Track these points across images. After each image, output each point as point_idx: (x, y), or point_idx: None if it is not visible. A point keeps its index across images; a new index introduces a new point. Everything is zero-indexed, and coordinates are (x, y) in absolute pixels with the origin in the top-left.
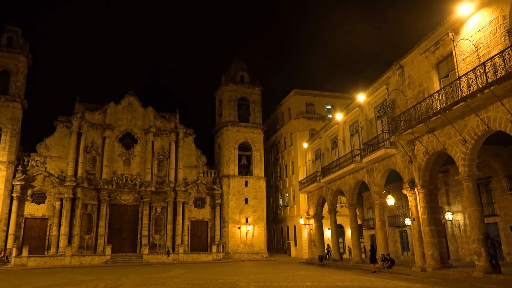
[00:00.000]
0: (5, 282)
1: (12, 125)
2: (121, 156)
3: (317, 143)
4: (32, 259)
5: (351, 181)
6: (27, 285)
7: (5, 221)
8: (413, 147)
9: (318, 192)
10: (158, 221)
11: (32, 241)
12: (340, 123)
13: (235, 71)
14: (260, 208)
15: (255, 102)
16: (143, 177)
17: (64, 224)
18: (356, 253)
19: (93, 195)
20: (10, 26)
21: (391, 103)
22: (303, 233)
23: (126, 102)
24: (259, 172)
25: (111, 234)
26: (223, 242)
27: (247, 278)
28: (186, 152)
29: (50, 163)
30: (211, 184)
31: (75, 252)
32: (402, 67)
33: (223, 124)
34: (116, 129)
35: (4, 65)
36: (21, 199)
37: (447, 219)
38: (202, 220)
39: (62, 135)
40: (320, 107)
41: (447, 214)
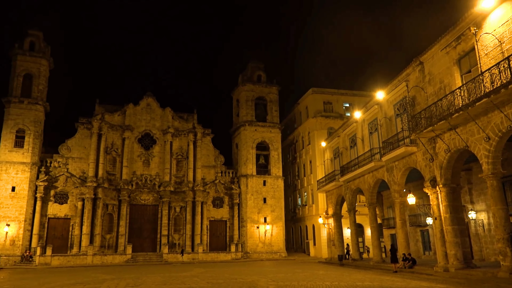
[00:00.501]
0: (30, 281)
1: (35, 127)
2: (141, 157)
3: (335, 141)
4: (55, 258)
5: (370, 180)
6: (51, 284)
7: (29, 220)
8: (434, 144)
9: (337, 191)
10: (177, 220)
11: (56, 240)
12: (359, 121)
13: (252, 71)
14: (279, 208)
15: (272, 101)
16: (162, 177)
17: (86, 224)
18: (376, 252)
19: (114, 195)
20: (32, 31)
21: (411, 100)
22: (322, 232)
23: (144, 103)
24: (277, 172)
25: (132, 233)
26: (242, 242)
27: (266, 277)
28: (204, 152)
29: (71, 164)
30: (229, 184)
31: (96, 251)
32: (422, 64)
33: (241, 124)
34: (135, 130)
35: (27, 69)
36: (45, 200)
37: (470, 218)
38: (220, 220)
39: (83, 136)
40: (338, 106)
41: (470, 213)
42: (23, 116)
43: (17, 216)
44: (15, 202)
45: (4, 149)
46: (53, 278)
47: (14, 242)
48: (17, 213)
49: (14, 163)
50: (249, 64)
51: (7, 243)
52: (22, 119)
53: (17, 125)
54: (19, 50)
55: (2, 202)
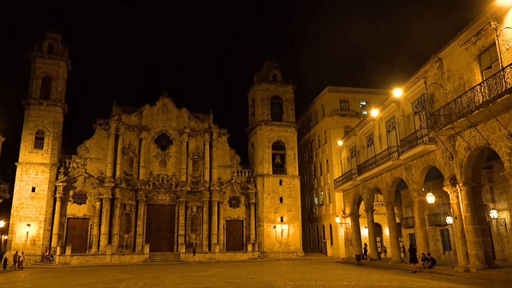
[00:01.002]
0: (51, 280)
1: (54, 128)
2: (157, 157)
3: (352, 140)
4: (75, 258)
5: (388, 179)
6: (71, 283)
7: (49, 220)
8: (454, 142)
9: (354, 190)
10: (194, 220)
11: (75, 240)
12: (376, 119)
13: (267, 70)
14: (295, 207)
15: (288, 100)
16: (178, 177)
17: (104, 224)
18: (395, 252)
19: (131, 195)
20: (51, 33)
21: (430, 98)
22: (339, 232)
23: (161, 104)
24: (293, 171)
25: (149, 233)
26: (259, 241)
27: (283, 277)
28: (220, 152)
29: (90, 164)
30: (245, 184)
31: (115, 251)
32: (440, 60)
33: (256, 123)
34: (151, 131)
35: (46, 71)
36: (64, 200)
37: (492, 217)
38: (237, 219)
39: (101, 137)
40: (355, 104)
41: (491, 212)
42: (42, 118)
43: (37, 216)
44: (35, 202)
45: (24, 150)
46: (72, 278)
47: (35, 241)
48: (37, 213)
49: (34, 164)
50: (265, 63)
51: (28, 242)
52: (42, 121)
53: (37, 127)
54: (38, 53)
55: (22, 202)
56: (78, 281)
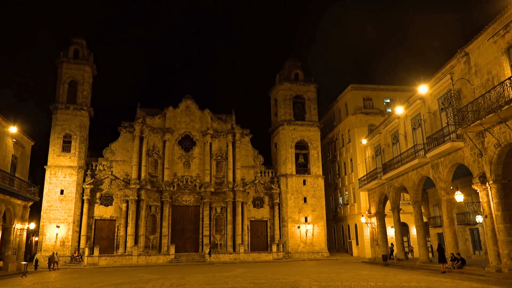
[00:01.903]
0: (80, 280)
1: (81, 132)
2: (181, 158)
3: (376, 138)
4: (102, 258)
5: (414, 177)
6: (99, 283)
7: (77, 222)
8: (483, 139)
9: (379, 189)
10: (218, 221)
11: (102, 241)
12: (401, 117)
13: (289, 69)
14: (319, 207)
15: (311, 99)
16: (202, 178)
17: (130, 225)
18: (422, 252)
19: (156, 196)
20: (76, 39)
21: (457, 94)
22: (365, 231)
23: (184, 106)
24: (317, 171)
25: (174, 234)
26: (283, 242)
27: (309, 277)
28: (243, 152)
29: (115, 167)
30: (269, 184)
31: (141, 252)
32: (467, 55)
33: (279, 123)
34: (175, 132)
35: (72, 76)
36: (91, 202)
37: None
38: (261, 220)
39: (126, 140)
40: (379, 102)
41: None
42: (69, 122)
43: (66, 218)
44: (64, 204)
45: (52, 154)
46: (101, 278)
47: (64, 243)
48: (66, 215)
49: (62, 167)
50: (286, 63)
51: (58, 244)
52: (69, 125)
53: (64, 131)
54: (64, 58)
55: (52, 204)
56: (106, 281)
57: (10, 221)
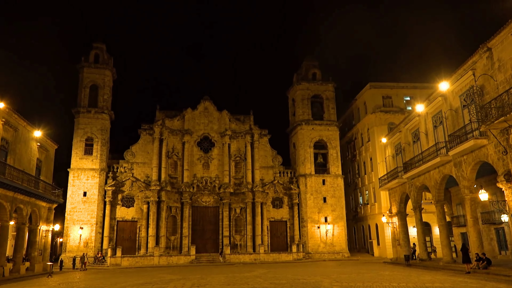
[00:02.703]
0: (103, 280)
1: (102, 135)
2: (200, 160)
3: (396, 137)
4: (125, 259)
5: (436, 176)
6: (122, 283)
7: (100, 223)
8: (508, 136)
9: (400, 188)
10: (237, 221)
11: (124, 242)
12: (421, 114)
13: (306, 69)
14: (339, 207)
15: (329, 98)
16: (221, 179)
17: (151, 226)
18: (446, 252)
19: (176, 198)
20: (96, 44)
21: (479, 90)
22: (386, 231)
23: (202, 107)
24: (336, 170)
25: (194, 235)
26: (303, 242)
27: (330, 278)
28: (262, 153)
29: (136, 169)
30: (288, 184)
31: (162, 253)
32: (490, 50)
33: (297, 123)
34: (194, 134)
35: (93, 80)
36: (113, 203)
37: None
38: (280, 220)
39: (146, 142)
40: (398, 99)
41: None
42: (91, 125)
43: (89, 220)
44: (87, 206)
45: (75, 157)
46: (123, 278)
47: (87, 244)
48: (89, 217)
49: (85, 169)
50: (304, 63)
51: (81, 245)
52: (90, 128)
53: (86, 134)
54: (85, 63)
55: (75, 206)
56: (128, 281)
57: (36, 223)
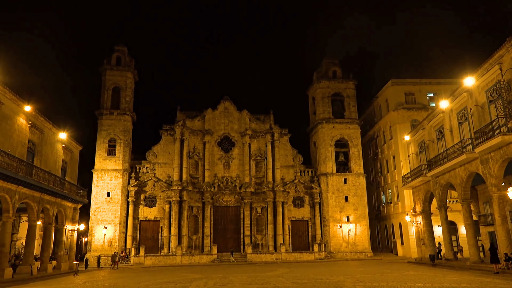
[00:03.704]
0: (128, 279)
1: (125, 136)
2: (221, 159)
3: (420, 134)
4: (148, 258)
5: (462, 174)
6: (146, 282)
7: (123, 223)
8: None
9: (424, 187)
10: (259, 221)
11: (147, 241)
12: (446, 111)
13: (326, 67)
14: (361, 206)
15: (350, 96)
16: (242, 178)
17: (173, 226)
18: (473, 252)
19: (198, 197)
20: (118, 46)
21: (506, 85)
22: (410, 230)
23: (222, 107)
24: (358, 169)
25: (216, 234)
26: (325, 241)
27: (353, 278)
28: (282, 152)
29: (158, 169)
30: (309, 183)
31: (184, 252)
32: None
33: (318, 122)
34: (214, 134)
35: (115, 82)
36: (136, 203)
37: None
38: (302, 219)
39: (167, 142)
40: (421, 96)
41: None
42: (113, 127)
43: (113, 219)
44: (111, 206)
45: (99, 158)
46: (147, 277)
47: (111, 243)
48: (113, 216)
49: (108, 170)
50: (324, 61)
51: (106, 244)
52: (113, 129)
53: (109, 135)
54: (107, 66)
55: (99, 206)
56: (152, 280)
57: (61, 223)
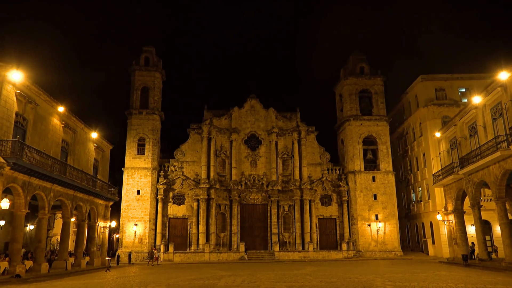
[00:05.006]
0: (158, 275)
1: (153, 135)
2: (248, 158)
3: (451, 131)
4: (177, 255)
5: (496, 171)
6: (176, 278)
7: (153, 220)
8: None
9: (456, 185)
10: (286, 219)
11: (176, 238)
12: (479, 107)
13: (353, 63)
14: (391, 204)
15: (378, 93)
16: (269, 176)
17: (201, 223)
18: (509, 252)
19: (225, 195)
20: (146, 47)
21: None
22: (442, 230)
23: (248, 106)
24: (387, 166)
25: (243, 232)
26: (353, 240)
27: (382, 277)
28: (309, 150)
29: (186, 167)
30: (336, 181)
31: (212, 249)
32: None
33: (345, 119)
34: (241, 132)
35: (144, 83)
36: (165, 201)
37: None
38: (329, 218)
39: (195, 141)
40: (452, 92)
41: None
42: (142, 126)
43: (143, 217)
44: (140, 204)
45: (129, 157)
46: (177, 274)
47: (142, 240)
48: (143, 214)
49: (138, 168)
50: (351, 57)
51: (136, 241)
52: (142, 129)
53: (138, 134)
54: (136, 66)
55: (130, 204)
56: (181, 277)
57: (94, 220)
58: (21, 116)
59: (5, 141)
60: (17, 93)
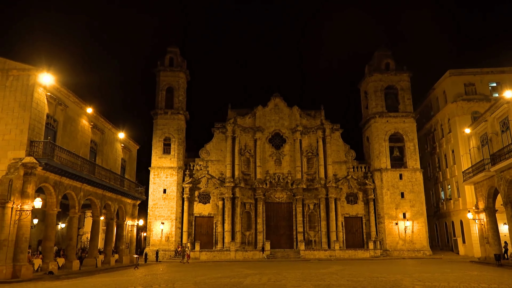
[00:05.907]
0: (185, 273)
1: (178, 134)
2: (272, 156)
3: (482, 127)
4: (203, 253)
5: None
6: (202, 276)
7: (179, 219)
8: None
9: (487, 182)
10: (311, 217)
11: (202, 237)
12: (511, 101)
13: (379, 60)
14: (419, 202)
15: (404, 89)
16: (293, 175)
17: (227, 222)
18: None
19: (250, 194)
20: (171, 48)
21: None
22: (472, 228)
23: (272, 104)
24: (414, 164)
25: (269, 230)
26: (380, 239)
27: (411, 277)
28: (334, 147)
29: (211, 166)
30: (362, 179)
31: (238, 248)
32: None
33: (370, 116)
34: (265, 131)
35: (168, 83)
36: (190, 200)
37: None
38: (355, 216)
39: (219, 140)
40: (482, 86)
41: None
42: (168, 126)
43: (169, 215)
44: (167, 202)
45: (155, 156)
46: (203, 272)
47: (168, 238)
48: (169, 212)
49: (164, 168)
50: (375, 53)
51: (163, 239)
52: (168, 128)
53: (164, 134)
54: (161, 67)
55: (156, 203)
56: (207, 275)
57: (122, 218)
58: (51, 118)
59: (37, 142)
60: (48, 96)
